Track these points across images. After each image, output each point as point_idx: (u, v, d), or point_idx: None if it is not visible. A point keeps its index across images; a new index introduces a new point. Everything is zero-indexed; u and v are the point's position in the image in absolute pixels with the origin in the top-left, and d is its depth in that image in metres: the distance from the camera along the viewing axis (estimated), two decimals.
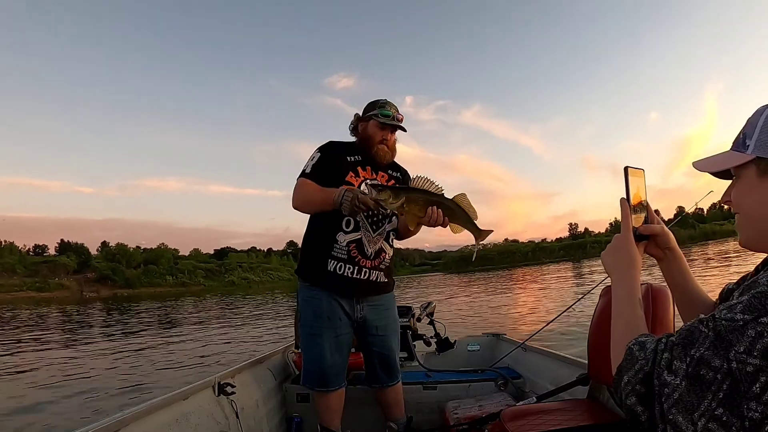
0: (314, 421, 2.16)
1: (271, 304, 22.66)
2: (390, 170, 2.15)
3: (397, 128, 2.07)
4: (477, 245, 1.82)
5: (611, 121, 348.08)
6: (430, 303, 3.14)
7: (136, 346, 9.76)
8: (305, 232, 2.11)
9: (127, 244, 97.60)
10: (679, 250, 0.88)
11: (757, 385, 0.51)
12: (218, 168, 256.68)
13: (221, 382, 1.92)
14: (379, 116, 2.02)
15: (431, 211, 1.72)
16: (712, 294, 0.88)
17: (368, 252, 2.01)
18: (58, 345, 10.92)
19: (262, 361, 2.54)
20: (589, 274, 23.82)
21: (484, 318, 10.95)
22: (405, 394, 2.26)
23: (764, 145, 0.66)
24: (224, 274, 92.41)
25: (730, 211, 0.75)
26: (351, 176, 2.01)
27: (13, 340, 12.49)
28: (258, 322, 13.98)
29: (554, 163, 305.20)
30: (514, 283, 25.25)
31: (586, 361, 1.76)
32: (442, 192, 1.76)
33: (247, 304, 24.85)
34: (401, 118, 2.06)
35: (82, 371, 7.13)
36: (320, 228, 2.02)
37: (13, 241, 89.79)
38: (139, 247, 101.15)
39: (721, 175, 0.76)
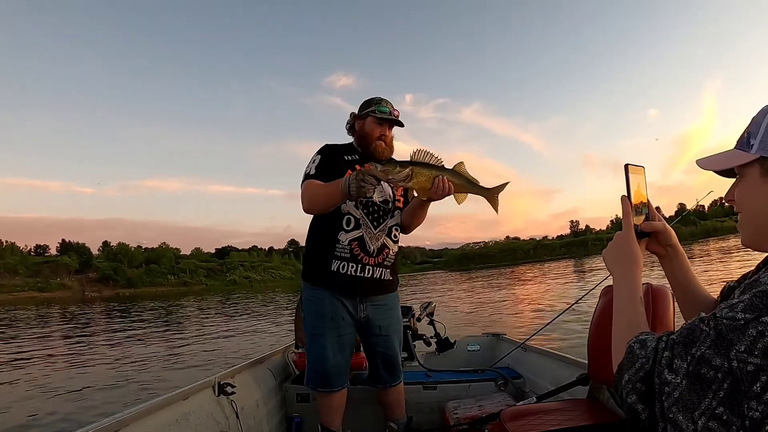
0: (314, 421, 2.16)
1: (273, 304, 22.70)
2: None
3: (395, 123, 2.08)
4: (495, 201, 1.77)
5: (611, 119, 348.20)
6: (430, 303, 3.14)
7: (137, 346, 9.81)
8: (307, 235, 2.11)
9: (128, 244, 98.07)
10: (680, 247, 0.87)
11: (758, 385, 0.51)
12: (218, 167, 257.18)
13: (221, 382, 1.91)
14: (375, 112, 2.03)
15: (438, 181, 1.71)
16: (714, 291, 0.87)
17: (370, 249, 2.00)
18: (59, 345, 10.99)
19: (262, 361, 2.53)
20: (591, 272, 23.84)
21: (484, 318, 10.96)
22: (405, 394, 2.25)
23: None
24: (226, 273, 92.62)
25: (731, 208, 0.75)
26: (350, 174, 1.99)
27: (15, 340, 12.53)
28: (259, 322, 14.02)
29: (554, 161, 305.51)
30: (515, 281, 25.26)
31: (586, 361, 1.76)
32: (442, 164, 1.76)
33: (248, 303, 24.90)
34: (398, 114, 2.07)
35: (83, 371, 7.18)
36: (322, 229, 2.01)
37: (14, 242, 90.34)
38: (141, 247, 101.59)
39: (724, 173, 0.75)
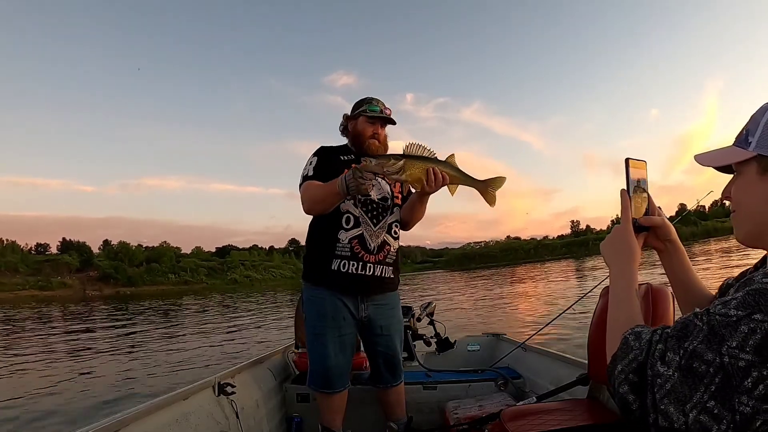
0: (314, 421, 2.16)
1: (273, 303, 22.69)
2: None
3: (387, 121, 2.09)
4: (490, 194, 1.79)
5: (612, 119, 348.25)
6: (430, 303, 3.14)
7: (137, 346, 9.80)
8: (307, 235, 2.11)
9: (129, 243, 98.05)
10: (679, 242, 0.87)
11: (749, 380, 0.52)
12: (219, 166, 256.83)
13: (221, 382, 1.91)
14: (367, 112, 2.05)
15: (432, 172, 1.73)
16: (713, 289, 0.87)
17: (371, 246, 2.00)
18: (59, 344, 10.97)
19: (262, 361, 2.53)
20: (592, 272, 23.81)
21: (484, 318, 10.95)
22: (405, 394, 2.25)
23: (766, 143, 0.66)
24: (226, 272, 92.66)
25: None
26: (346, 172, 2.00)
27: (16, 339, 12.54)
28: (259, 322, 14.01)
29: (555, 161, 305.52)
30: (515, 281, 25.24)
31: (586, 361, 1.76)
32: (435, 156, 1.78)
33: (248, 302, 24.89)
34: (389, 112, 2.09)
35: (83, 370, 7.15)
36: (321, 228, 2.01)
37: (15, 240, 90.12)
38: (141, 246, 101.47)
39: (722, 169, 0.76)
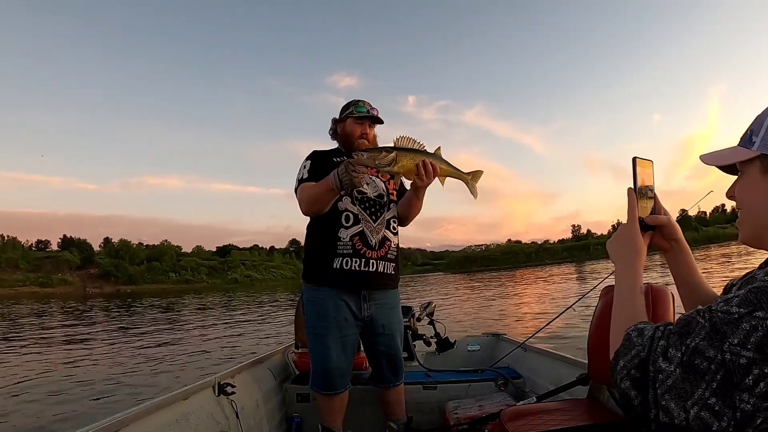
0: (314, 421, 2.15)
1: (274, 303, 22.65)
2: None
3: (374, 120, 2.10)
4: (473, 186, 1.87)
5: (614, 123, 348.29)
6: (430, 303, 3.13)
7: (137, 345, 9.75)
8: (306, 235, 2.10)
9: (130, 241, 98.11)
10: (685, 242, 0.88)
11: (750, 378, 0.53)
12: (220, 166, 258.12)
13: (221, 382, 1.90)
14: (354, 113, 2.07)
15: (424, 163, 1.75)
16: (717, 291, 0.87)
17: (372, 242, 1.99)
18: (59, 342, 10.94)
19: (262, 361, 2.52)
20: (592, 275, 23.77)
21: (485, 318, 10.94)
22: (405, 394, 2.25)
23: None
24: (227, 271, 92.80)
25: (733, 215, 0.75)
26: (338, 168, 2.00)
27: (15, 336, 12.53)
28: (259, 322, 13.98)
29: (556, 164, 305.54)
30: (516, 284, 25.21)
31: (586, 361, 1.76)
32: (424, 148, 1.79)
33: (249, 302, 24.86)
34: (377, 112, 2.10)
35: (83, 369, 7.11)
36: (321, 228, 2.00)
37: (15, 237, 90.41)
38: (142, 244, 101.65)
39: (727, 170, 0.76)
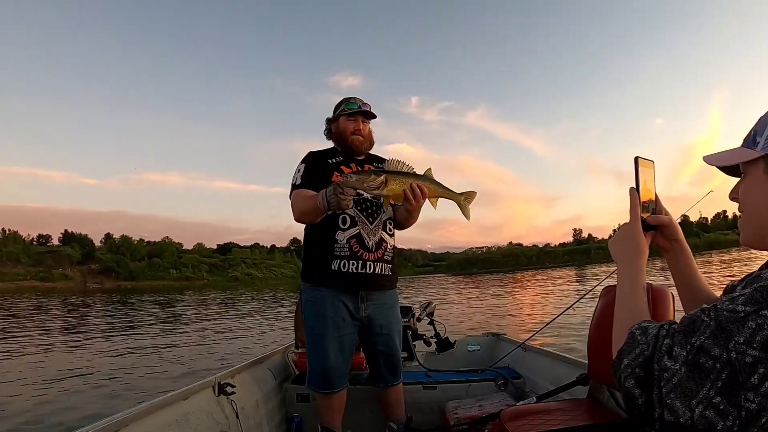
0: (314, 421, 2.16)
1: (274, 302, 22.64)
2: (375, 162, 2.15)
3: (367, 115, 2.11)
4: (465, 207, 1.84)
5: (616, 127, 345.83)
6: (430, 303, 3.12)
7: (137, 343, 9.71)
8: (304, 237, 2.11)
9: (131, 237, 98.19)
10: (685, 243, 0.88)
11: (756, 377, 0.52)
12: (221, 163, 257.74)
13: (221, 382, 1.90)
14: (345, 110, 2.09)
15: (413, 187, 1.74)
16: (717, 292, 0.87)
17: (369, 244, 2.00)
18: (59, 339, 10.89)
19: (262, 361, 2.52)
20: (593, 278, 23.72)
21: (485, 318, 10.94)
22: (405, 394, 2.25)
23: None
24: (228, 269, 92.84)
25: (734, 221, 0.75)
26: (336, 176, 2.01)
27: (14, 331, 12.52)
28: (259, 321, 13.94)
29: (558, 167, 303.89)
30: (517, 286, 25.19)
31: (586, 361, 1.77)
32: (414, 171, 1.79)
33: (249, 301, 24.85)
34: (369, 107, 2.11)
35: (82, 368, 7.06)
36: (318, 230, 2.01)
37: (17, 231, 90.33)
38: (143, 240, 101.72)
39: (729, 171, 0.76)
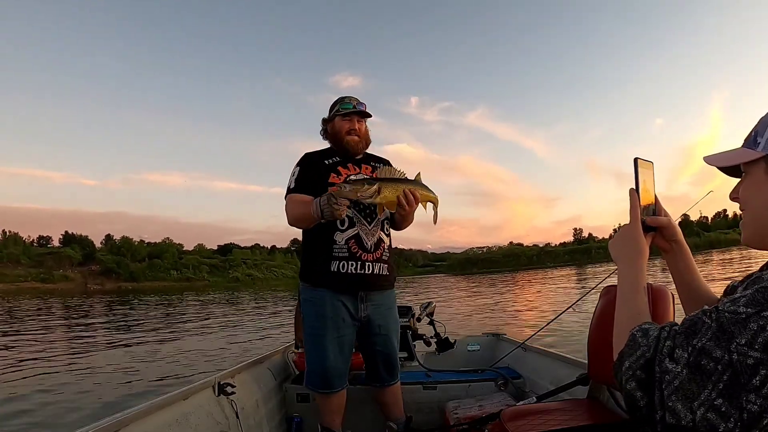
0: (314, 421, 2.16)
1: (274, 302, 22.63)
2: (372, 162, 2.15)
3: (362, 114, 2.11)
4: (435, 210, 2.00)
5: (616, 127, 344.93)
6: (430, 303, 3.11)
7: (137, 343, 9.71)
8: (303, 237, 2.11)
9: (131, 238, 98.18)
10: (685, 243, 0.88)
11: (757, 378, 0.52)
12: (222, 164, 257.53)
13: (221, 382, 1.90)
14: (340, 110, 2.08)
15: (405, 193, 1.78)
16: (717, 293, 0.87)
17: (368, 245, 2.00)
18: (60, 340, 10.89)
19: (262, 361, 2.52)
20: (593, 278, 23.72)
21: (485, 318, 10.94)
22: (405, 394, 2.25)
23: None
24: (228, 270, 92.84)
25: (735, 220, 0.75)
26: (333, 177, 2.01)
27: (14, 333, 12.51)
28: (260, 321, 13.95)
29: (558, 168, 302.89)
30: (517, 286, 25.19)
31: (586, 361, 1.76)
32: (405, 176, 1.86)
33: (250, 301, 24.85)
34: (364, 107, 2.10)
35: (82, 368, 7.05)
36: (317, 231, 2.00)
37: (17, 232, 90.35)
38: (144, 241, 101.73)
39: (730, 171, 0.76)
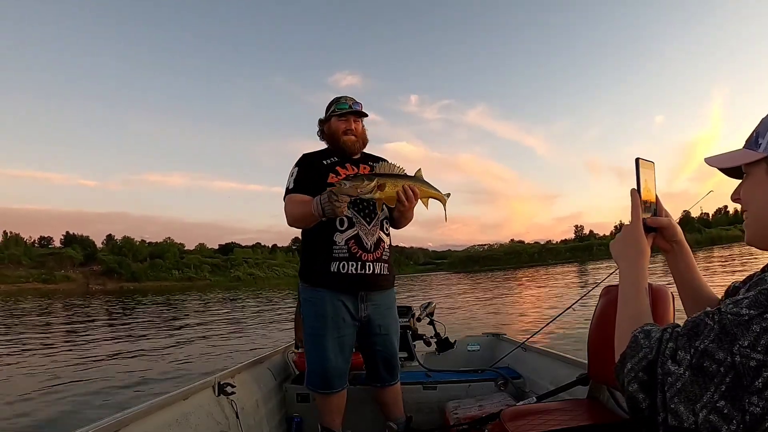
0: (314, 421, 2.15)
1: (275, 302, 22.63)
2: (370, 162, 2.14)
3: (358, 114, 2.10)
4: (445, 208, 1.99)
5: (616, 124, 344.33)
6: (430, 303, 3.11)
7: (138, 343, 9.71)
8: (302, 238, 2.10)
9: (132, 238, 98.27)
10: (686, 243, 0.88)
11: (760, 380, 0.52)
12: (222, 163, 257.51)
13: (221, 382, 1.90)
14: (336, 110, 2.07)
15: (405, 189, 1.77)
16: (718, 293, 0.87)
17: (367, 245, 2.00)
18: (61, 340, 10.90)
19: (262, 361, 2.52)
20: (595, 275, 23.72)
21: (485, 318, 10.93)
22: (405, 394, 2.25)
23: None
24: (230, 269, 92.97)
25: (736, 217, 0.75)
26: (332, 177, 2.00)
27: (17, 332, 12.54)
28: (260, 321, 13.94)
29: (558, 165, 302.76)
30: (518, 284, 25.19)
31: (586, 361, 1.76)
32: (405, 172, 1.84)
33: (251, 301, 24.85)
34: (360, 106, 2.10)
35: (84, 369, 7.05)
36: (316, 232, 2.00)
37: (18, 233, 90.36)
38: (145, 241, 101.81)
39: (731, 173, 0.76)
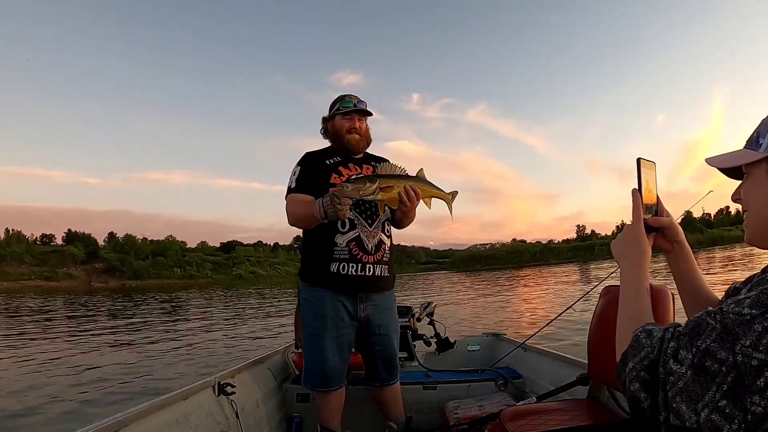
0: (314, 421, 2.16)
1: (276, 300, 22.64)
2: (373, 162, 2.14)
3: (362, 113, 2.10)
4: (450, 206, 1.96)
5: (617, 124, 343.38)
6: (430, 303, 3.11)
7: (139, 343, 9.67)
8: (303, 238, 2.10)
9: (134, 236, 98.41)
10: (686, 244, 0.88)
11: (762, 380, 0.52)
12: (223, 162, 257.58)
13: (221, 382, 1.90)
14: (340, 109, 2.07)
15: (407, 189, 1.77)
16: (718, 293, 0.87)
17: (368, 247, 2.00)
18: (63, 338, 10.87)
19: (262, 361, 2.52)
20: (597, 275, 23.69)
21: (485, 318, 10.92)
22: (405, 394, 2.26)
23: None
24: (232, 267, 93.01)
25: (738, 217, 0.75)
26: (334, 177, 2.00)
27: (18, 330, 12.53)
28: (261, 320, 13.92)
29: (559, 164, 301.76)
30: (520, 284, 25.18)
31: (586, 361, 1.76)
32: (406, 173, 1.83)
33: (252, 299, 24.87)
34: (364, 105, 2.09)
35: (84, 368, 7.03)
36: (317, 232, 1.99)
37: (20, 230, 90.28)
38: (147, 239, 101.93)
39: (732, 173, 0.76)
